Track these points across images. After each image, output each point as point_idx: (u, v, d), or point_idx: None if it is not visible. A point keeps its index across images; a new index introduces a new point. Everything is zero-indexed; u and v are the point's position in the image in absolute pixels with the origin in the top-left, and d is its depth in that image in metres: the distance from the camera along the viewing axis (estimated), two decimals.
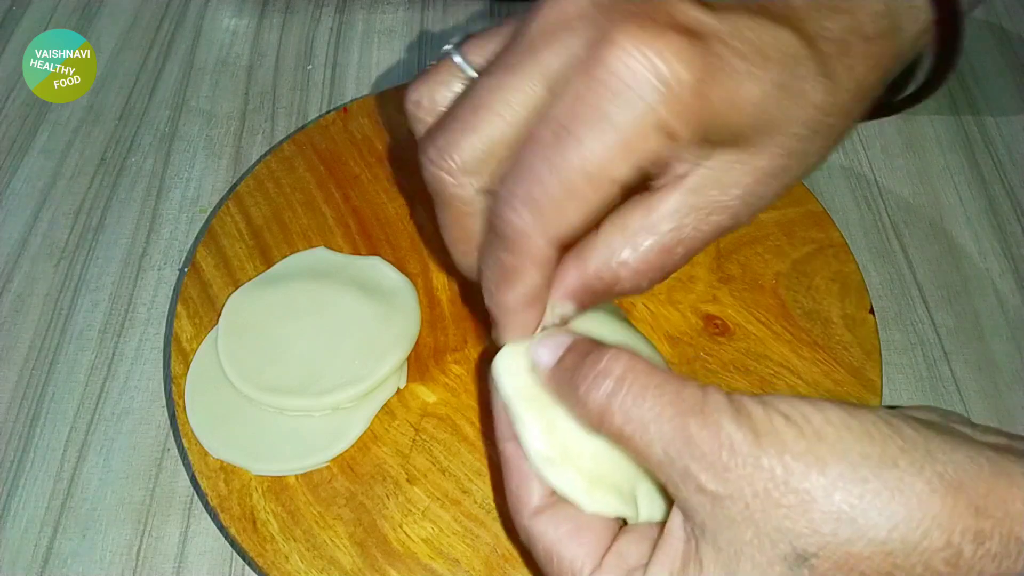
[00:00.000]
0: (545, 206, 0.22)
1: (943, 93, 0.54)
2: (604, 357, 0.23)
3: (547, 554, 0.24)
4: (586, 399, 0.23)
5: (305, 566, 0.32)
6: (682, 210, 0.23)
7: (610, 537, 0.24)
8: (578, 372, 0.23)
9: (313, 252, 0.40)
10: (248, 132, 0.52)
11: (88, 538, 0.37)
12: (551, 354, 0.25)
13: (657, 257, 0.24)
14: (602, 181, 0.22)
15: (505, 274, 0.24)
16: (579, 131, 0.21)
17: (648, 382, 0.22)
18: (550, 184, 0.22)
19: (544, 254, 0.23)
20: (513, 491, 0.26)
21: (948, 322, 0.44)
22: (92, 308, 0.44)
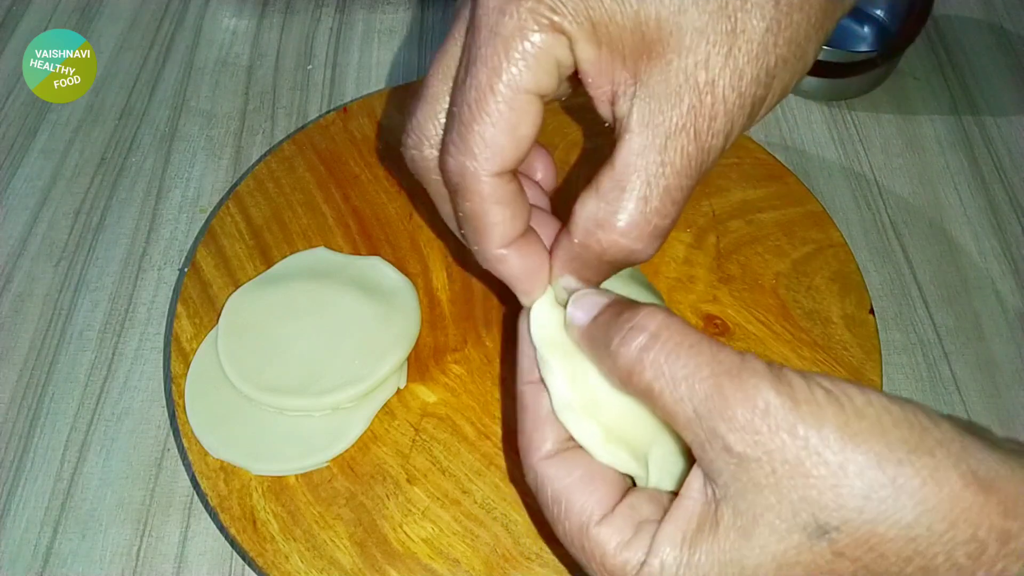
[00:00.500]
0: (471, 138, 0.22)
1: (943, 93, 0.54)
2: (639, 313, 0.23)
3: (555, 498, 0.24)
4: (618, 352, 0.22)
5: (305, 566, 0.32)
6: (638, 150, 0.22)
7: (621, 491, 0.24)
8: (612, 326, 0.23)
9: (313, 252, 0.40)
10: (248, 132, 0.52)
11: (88, 538, 0.37)
12: (587, 313, 0.25)
13: (637, 212, 0.22)
14: (514, 95, 0.22)
15: (472, 223, 0.24)
16: (476, 55, 0.22)
17: (683, 340, 0.22)
18: (464, 114, 0.22)
19: (491, 186, 0.23)
20: (527, 433, 0.25)
21: (948, 322, 0.44)
22: (92, 308, 0.44)
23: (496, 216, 0.24)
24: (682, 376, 0.21)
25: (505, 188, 0.24)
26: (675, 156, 0.22)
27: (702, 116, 0.22)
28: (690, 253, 0.40)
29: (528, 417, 0.26)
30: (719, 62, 0.21)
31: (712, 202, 0.42)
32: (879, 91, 0.54)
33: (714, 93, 0.21)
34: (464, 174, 0.23)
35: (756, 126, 0.53)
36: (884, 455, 0.19)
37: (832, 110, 0.53)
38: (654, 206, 0.22)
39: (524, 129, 0.23)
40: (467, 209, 0.24)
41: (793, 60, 0.22)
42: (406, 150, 0.26)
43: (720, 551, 0.21)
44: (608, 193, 0.23)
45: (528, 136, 0.23)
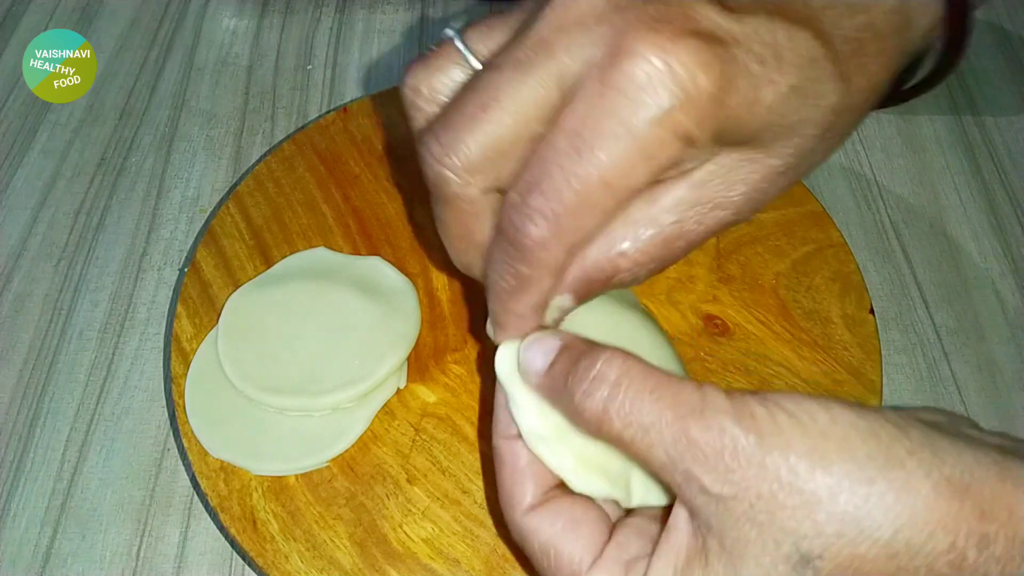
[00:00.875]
0: (563, 217, 0.22)
1: (943, 93, 0.54)
2: (598, 361, 0.22)
3: (543, 550, 0.24)
4: (583, 406, 0.22)
5: (305, 566, 0.32)
6: (685, 203, 0.23)
7: (607, 531, 0.24)
8: (572, 377, 0.23)
9: (313, 252, 0.40)
10: (248, 132, 0.52)
11: (88, 538, 0.37)
12: (542, 358, 0.24)
13: (658, 248, 0.24)
14: (620, 189, 0.21)
15: (519, 283, 0.24)
16: (596, 141, 0.21)
17: (644, 385, 0.22)
18: (567, 195, 0.21)
19: (560, 262, 0.23)
20: (507, 488, 0.25)
21: (948, 322, 0.44)
22: (92, 308, 0.44)
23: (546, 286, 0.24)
24: (649, 423, 0.21)
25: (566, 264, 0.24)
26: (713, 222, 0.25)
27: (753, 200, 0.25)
28: (690, 253, 0.40)
29: (506, 472, 0.26)
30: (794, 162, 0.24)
31: None
32: None
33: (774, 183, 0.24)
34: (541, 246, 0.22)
35: None
36: (854, 474, 0.19)
37: None
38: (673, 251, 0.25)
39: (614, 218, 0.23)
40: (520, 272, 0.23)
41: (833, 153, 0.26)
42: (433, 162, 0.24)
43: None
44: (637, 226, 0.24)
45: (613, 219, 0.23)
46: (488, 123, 0.22)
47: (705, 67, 0.20)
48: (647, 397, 0.21)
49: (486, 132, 0.22)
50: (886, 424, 0.20)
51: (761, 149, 0.23)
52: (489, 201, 0.24)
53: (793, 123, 0.23)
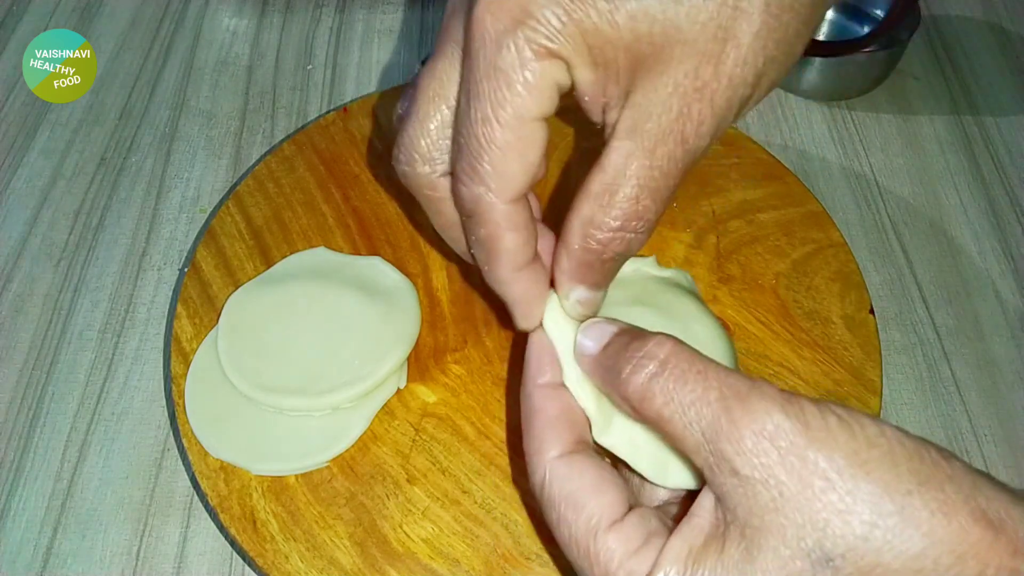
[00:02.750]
0: (483, 168, 0.23)
1: (943, 93, 0.54)
2: (649, 342, 0.23)
3: (565, 500, 0.24)
4: (628, 381, 0.23)
5: (305, 566, 0.32)
6: (627, 155, 0.23)
7: (628, 504, 0.24)
8: (622, 355, 0.23)
9: (313, 252, 0.40)
10: (248, 132, 0.52)
11: (88, 538, 0.37)
12: (596, 342, 0.25)
13: (629, 209, 0.24)
14: (520, 124, 0.22)
15: (485, 247, 0.25)
16: (479, 88, 0.22)
17: (691, 367, 0.22)
18: (477, 146, 0.23)
19: (506, 213, 0.24)
20: (537, 433, 0.25)
21: (948, 322, 0.44)
22: (92, 308, 0.44)
23: (510, 242, 0.25)
24: (690, 401, 0.21)
25: (519, 214, 0.24)
26: (663, 160, 0.23)
27: (690, 121, 0.22)
28: (690, 253, 0.40)
29: (538, 418, 0.26)
30: (708, 71, 0.22)
31: (712, 202, 0.42)
32: (879, 91, 0.54)
33: (702, 99, 0.22)
34: (479, 202, 0.24)
35: (757, 126, 0.53)
36: (893, 484, 0.19)
37: (832, 110, 0.53)
38: (645, 204, 0.24)
39: (533, 155, 0.23)
40: (481, 235, 0.25)
41: (781, 57, 0.23)
42: (398, 165, 0.27)
43: (723, 570, 0.20)
44: (601, 196, 0.24)
45: (537, 160, 0.24)
46: (419, 111, 0.25)
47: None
48: (693, 376, 0.22)
49: (420, 119, 0.25)
50: (932, 449, 0.20)
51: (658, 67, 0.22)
52: None
53: (671, 25, 0.21)
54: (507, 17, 0.21)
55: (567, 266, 0.25)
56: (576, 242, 0.24)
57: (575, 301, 0.26)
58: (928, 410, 0.41)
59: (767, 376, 0.36)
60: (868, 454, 0.19)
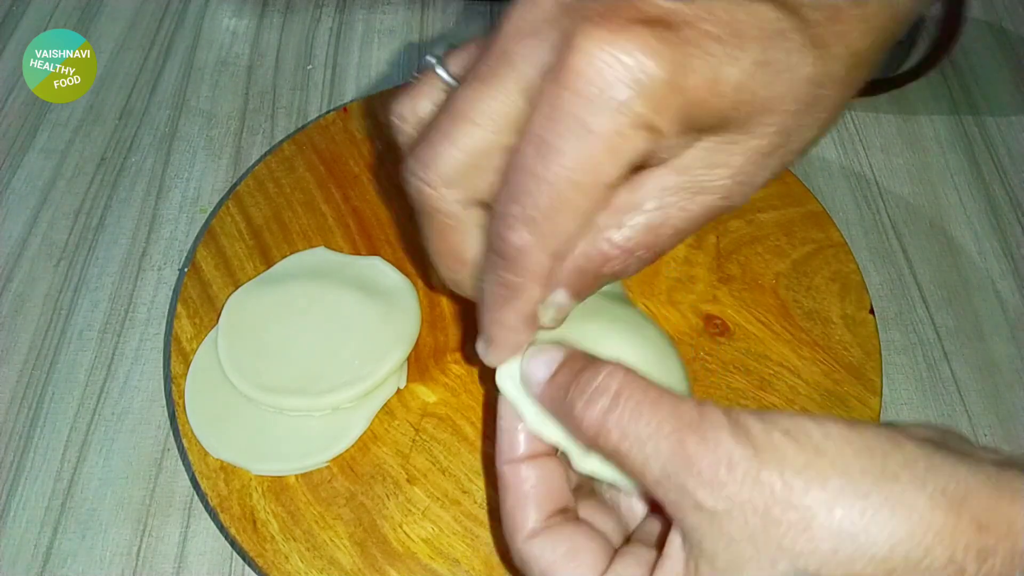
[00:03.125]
0: (540, 221, 0.22)
1: (943, 93, 0.54)
2: (600, 374, 0.23)
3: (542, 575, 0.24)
4: (583, 416, 0.22)
5: (305, 566, 0.32)
6: (668, 188, 0.23)
7: (607, 559, 0.24)
8: (574, 389, 0.23)
9: (313, 252, 0.40)
10: (248, 132, 0.52)
11: (88, 538, 0.37)
12: (544, 369, 0.25)
13: (644, 236, 0.24)
14: (591, 187, 0.21)
15: (507, 292, 0.24)
16: (558, 143, 0.21)
17: (644, 398, 0.22)
18: (541, 200, 0.22)
19: (545, 267, 0.23)
20: (509, 513, 0.25)
21: (948, 322, 0.44)
22: (92, 308, 0.44)
23: (534, 295, 0.24)
24: (647, 435, 0.21)
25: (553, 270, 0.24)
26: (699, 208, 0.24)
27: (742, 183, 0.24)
28: (690, 253, 0.40)
29: (510, 497, 0.26)
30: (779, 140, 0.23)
31: None
32: None
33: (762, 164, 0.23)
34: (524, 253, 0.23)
35: None
36: (848, 489, 0.19)
37: None
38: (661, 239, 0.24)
39: (592, 217, 0.23)
40: (508, 281, 0.24)
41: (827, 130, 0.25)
42: (413, 179, 0.25)
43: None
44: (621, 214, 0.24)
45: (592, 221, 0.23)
46: (458, 135, 0.23)
47: (653, 53, 0.20)
48: (646, 410, 0.21)
49: (457, 145, 0.23)
50: (880, 438, 0.20)
51: (739, 130, 0.22)
52: (472, 216, 0.25)
53: (767, 99, 0.22)
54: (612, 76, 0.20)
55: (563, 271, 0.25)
56: (580, 249, 0.24)
57: (552, 304, 0.25)
58: (928, 410, 0.41)
59: (767, 376, 0.36)
60: (819, 463, 0.19)
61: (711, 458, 0.20)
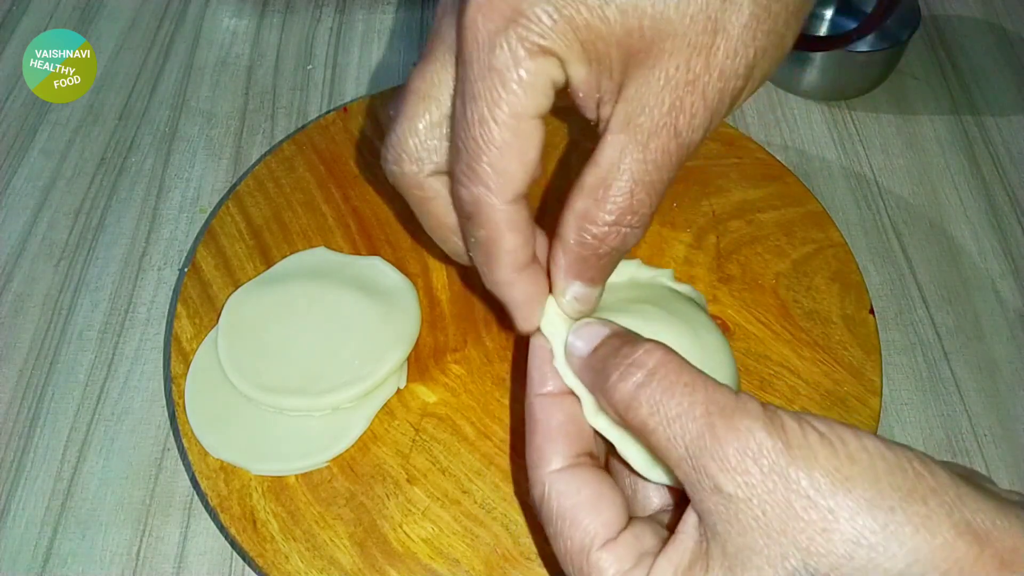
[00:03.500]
0: (482, 169, 0.23)
1: (943, 93, 0.54)
2: (639, 349, 0.23)
3: (562, 515, 0.24)
4: (615, 388, 0.23)
5: (305, 566, 0.32)
6: (621, 149, 0.23)
7: (626, 518, 0.24)
8: (610, 361, 0.23)
9: (313, 252, 0.40)
10: (248, 132, 0.52)
11: (88, 538, 0.37)
12: (587, 343, 0.25)
13: (623, 202, 0.23)
14: (517, 123, 0.22)
15: (485, 248, 0.25)
16: (474, 90, 0.22)
17: (679, 379, 0.22)
18: (475, 148, 0.23)
19: (506, 213, 0.24)
20: (537, 445, 0.25)
21: (948, 322, 0.44)
22: (92, 308, 0.44)
23: (510, 243, 0.24)
24: (675, 415, 0.21)
25: (519, 214, 0.24)
26: (656, 153, 0.23)
27: (683, 114, 0.22)
28: (690, 253, 0.40)
29: (539, 430, 0.26)
30: (699, 63, 0.22)
31: (712, 202, 0.42)
32: (879, 91, 0.54)
33: (694, 92, 0.22)
34: (479, 203, 0.24)
35: (757, 126, 0.53)
36: (875, 501, 0.19)
37: (832, 110, 0.53)
38: (639, 198, 0.23)
39: (531, 153, 0.23)
40: (481, 236, 0.25)
41: (772, 49, 0.23)
42: (386, 164, 0.27)
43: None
44: (595, 190, 0.24)
45: (535, 158, 0.23)
46: (409, 110, 0.25)
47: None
48: (680, 389, 0.21)
49: (411, 121, 0.25)
50: (914, 460, 0.20)
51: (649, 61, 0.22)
52: (443, 183, 0.26)
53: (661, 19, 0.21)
54: (498, 17, 0.21)
55: (563, 262, 0.25)
56: (571, 237, 0.24)
57: (571, 298, 0.26)
58: (928, 410, 0.41)
59: (767, 376, 0.36)
60: (850, 470, 0.19)
61: (739, 445, 0.20)
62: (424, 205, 0.27)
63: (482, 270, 0.26)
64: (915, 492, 0.19)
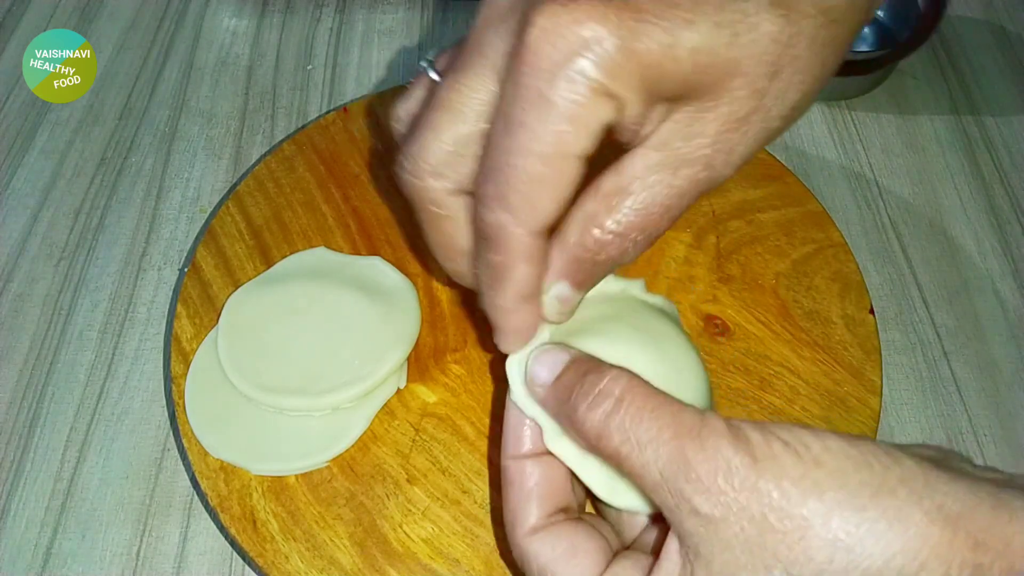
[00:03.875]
0: (513, 198, 0.22)
1: (943, 93, 0.54)
2: (605, 377, 0.23)
3: (541, 573, 0.24)
4: (585, 419, 0.23)
5: (305, 566, 0.32)
6: (651, 166, 0.23)
7: (605, 561, 0.24)
8: (577, 391, 0.23)
9: (313, 252, 0.40)
10: (248, 132, 0.52)
11: (88, 538, 0.37)
12: (549, 371, 0.25)
13: (635, 218, 0.23)
14: (560, 160, 0.22)
15: (495, 273, 0.24)
16: (523, 118, 0.21)
17: (645, 404, 0.22)
18: (511, 176, 0.22)
19: (527, 245, 0.23)
20: (512, 508, 0.26)
21: (948, 322, 0.44)
22: (92, 308, 0.44)
23: (522, 274, 0.24)
24: (647, 440, 0.21)
25: (539, 248, 0.24)
26: (684, 181, 0.23)
27: (723, 151, 0.23)
28: (690, 253, 0.40)
29: (513, 492, 0.26)
30: (753, 103, 0.22)
31: (712, 202, 0.42)
32: (879, 91, 0.54)
33: (739, 131, 0.22)
34: (502, 230, 0.23)
35: None
36: (846, 501, 0.19)
37: (832, 110, 0.53)
38: (652, 218, 0.23)
39: (566, 191, 0.23)
40: (494, 261, 0.24)
41: (813, 93, 0.23)
42: (402, 173, 0.26)
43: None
44: (609, 198, 0.23)
45: (569, 197, 0.23)
46: (439, 125, 0.24)
47: (606, 21, 0.20)
48: (648, 415, 0.21)
49: (439, 135, 0.24)
50: (879, 454, 0.20)
51: (708, 97, 0.22)
52: (461, 205, 0.26)
53: (729, 61, 0.22)
54: (565, 46, 0.21)
55: (557, 259, 0.25)
56: (573, 236, 0.24)
57: (554, 296, 0.26)
58: (928, 410, 0.41)
59: (767, 376, 0.36)
60: (816, 474, 0.19)
61: (709, 465, 0.20)
62: (437, 223, 0.26)
63: (484, 291, 0.26)
64: (884, 486, 0.19)
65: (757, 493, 0.19)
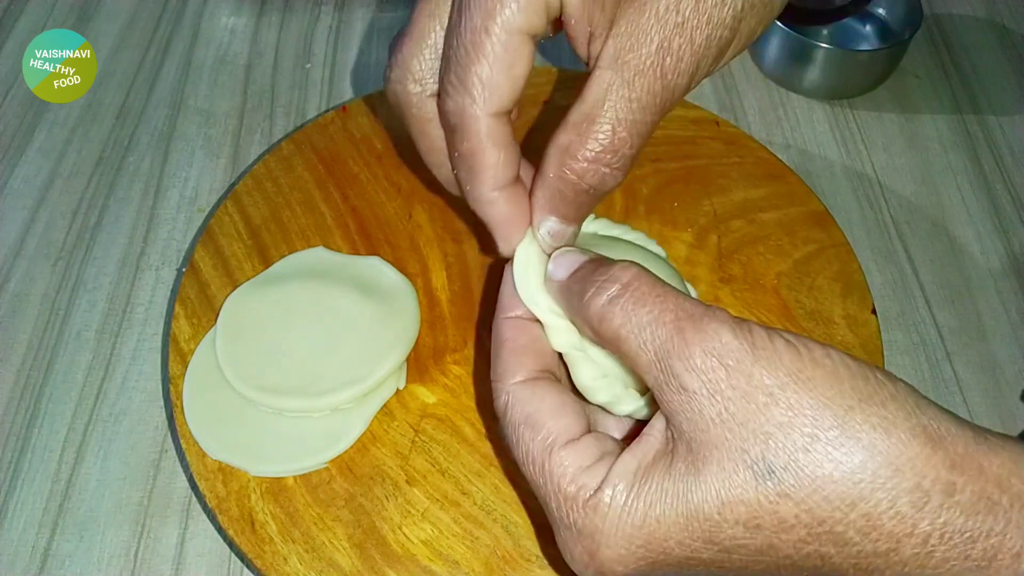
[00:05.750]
0: (469, 79, 0.24)
1: (945, 92, 0.54)
2: (614, 267, 0.24)
3: (524, 420, 0.25)
4: (590, 302, 0.23)
5: (304, 568, 0.31)
6: (607, 87, 0.24)
7: (587, 426, 0.25)
8: (588, 279, 0.24)
9: (312, 252, 0.40)
10: (246, 131, 0.52)
11: (86, 539, 0.37)
12: (565, 269, 0.26)
13: (605, 140, 0.24)
14: (508, 35, 0.23)
15: (468, 163, 0.25)
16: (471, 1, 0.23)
17: (651, 291, 0.23)
18: (464, 57, 0.23)
19: (488, 126, 0.24)
20: (503, 360, 0.26)
21: (950, 322, 0.43)
22: (90, 308, 0.44)
23: (492, 157, 0.25)
24: (646, 322, 0.22)
25: (502, 129, 0.25)
26: (641, 92, 0.24)
27: (670, 56, 0.23)
28: (691, 253, 0.40)
29: (505, 348, 0.26)
30: (689, 6, 0.23)
31: (713, 201, 0.42)
32: (881, 90, 0.54)
33: (683, 34, 0.23)
34: (463, 114, 0.24)
35: (758, 125, 0.53)
36: (835, 400, 0.20)
37: (834, 109, 0.53)
38: (621, 136, 0.24)
39: (519, 69, 0.24)
40: (464, 149, 0.25)
41: (760, 6, 0.24)
42: (389, 84, 0.27)
43: (669, 484, 0.21)
44: (579, 125, 0.24)
45: (522, 76, 0.24)
46: (414, 31, 0.26)
47: None
48: (651, 300, 0.22)
49: (413, 39, 0.26)
50: (877, 372, 0.21)
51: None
52: None
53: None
54: None
55: (541, 196, 0.26)
56: (552, 171, 0.25)
57: (546, 232, 0.27)
58: None
59: None
60: (812, 372, 0.20)
61: (705, 346, 0.21)
62: (422, 126, 0.27)
63: (465, 187, 0.27)
64: (875, 396, 0.20)
65: (748, 377, 0.20)
